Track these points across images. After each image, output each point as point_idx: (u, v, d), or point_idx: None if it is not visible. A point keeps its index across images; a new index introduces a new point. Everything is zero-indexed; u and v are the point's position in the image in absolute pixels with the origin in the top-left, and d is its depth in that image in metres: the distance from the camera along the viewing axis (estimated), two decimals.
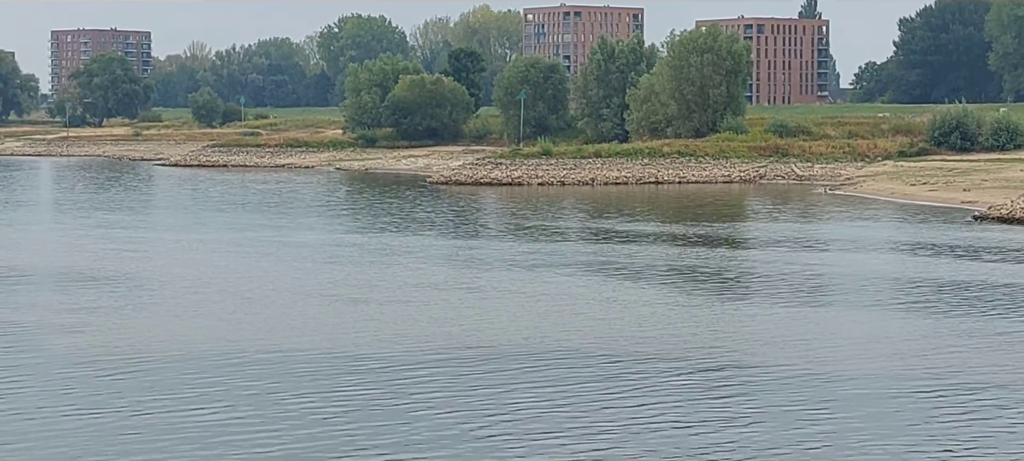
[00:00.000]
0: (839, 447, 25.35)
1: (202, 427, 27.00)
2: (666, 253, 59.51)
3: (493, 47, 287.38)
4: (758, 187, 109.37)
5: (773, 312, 41.59)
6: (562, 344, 35.86)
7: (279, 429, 26.84)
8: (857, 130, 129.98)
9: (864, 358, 34.04)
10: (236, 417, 27.87)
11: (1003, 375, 31.36)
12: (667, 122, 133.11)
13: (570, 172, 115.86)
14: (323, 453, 25.22)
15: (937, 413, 27.91)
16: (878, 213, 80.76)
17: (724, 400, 29.17)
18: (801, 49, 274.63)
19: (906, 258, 56.56)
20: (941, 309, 41.80)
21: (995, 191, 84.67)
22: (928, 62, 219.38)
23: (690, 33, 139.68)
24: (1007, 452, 24.86)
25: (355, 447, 25.60)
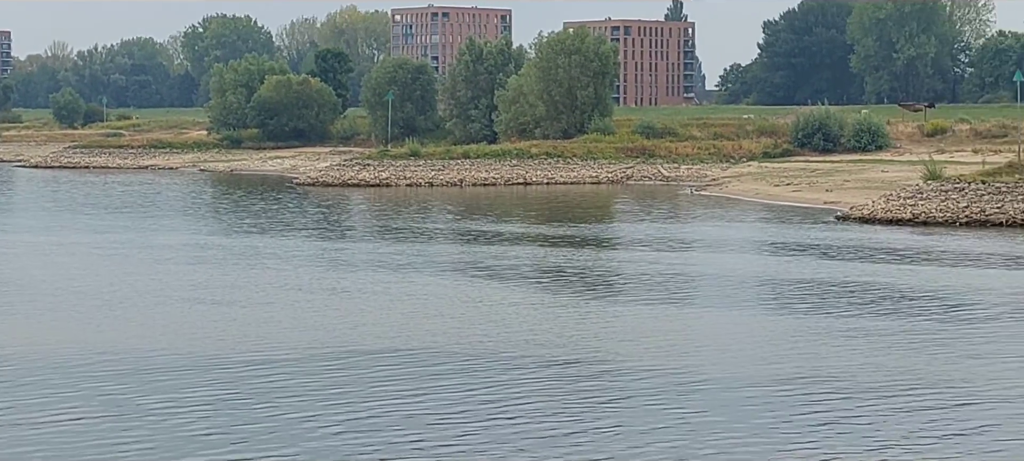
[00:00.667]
0: (701, 446, 25.31)
1: (55, 431, 26.24)
2: (533, 254, 59.45)
3: (360, 48, 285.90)
4: (625, 188, 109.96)
5: (639, 312, 41.63)
6: (426, 345, 35.51)
7: (131, 431, 26.18)
8: (722, 131, 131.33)
9: (728, 357, 34.15)
10: (88, 420, 27.15)
11: (864, 374, 31.60)
12: (535, 123, 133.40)
13: (438, 173, 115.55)
14: (173, 455, 24.61)
15: (799, 412, 28.00)
16: (743, 213, 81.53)
17: (587, 400, 29.03)
18: (667, 51, 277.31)
19: (770, 258, 57.08)
20: (804, 308, 42.14)
21: (857, 191, 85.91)
22: (792, 64, 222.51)
23: (558, 35, 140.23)
24: (866, 450, 24.98)
25: (207, 448, 25.03)
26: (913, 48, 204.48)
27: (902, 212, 71.26)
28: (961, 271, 50.98)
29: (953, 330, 37.65)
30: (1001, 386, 30.02)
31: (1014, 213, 68.53)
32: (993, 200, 70.23)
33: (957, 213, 69.56)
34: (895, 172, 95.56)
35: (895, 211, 71.69)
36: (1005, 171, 75.24)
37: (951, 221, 68.99)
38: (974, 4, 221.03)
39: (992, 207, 69.52)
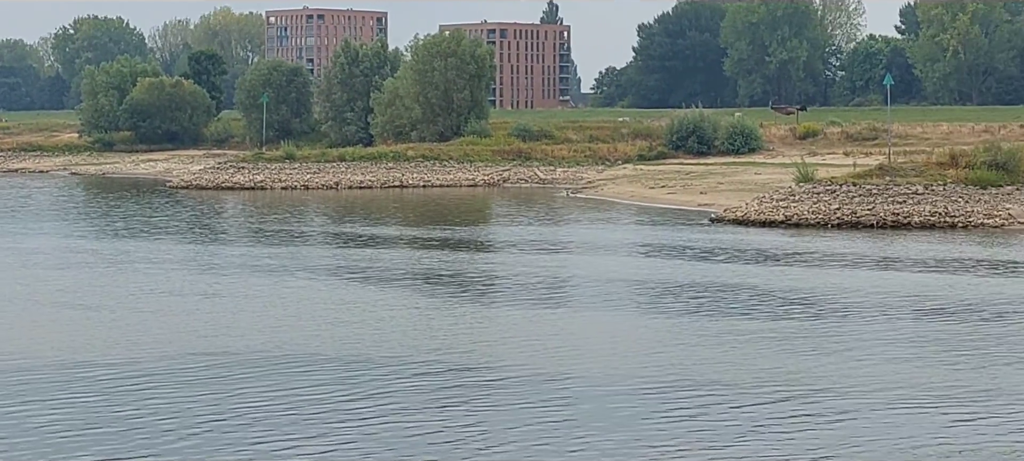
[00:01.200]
0: (571, 447, 25.20)
1: None
2: (409, 256, 59.12)
3: (235, 49, 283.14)
4: (502, 190, 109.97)
5: (515, 314, 41.50)
6: (299, 348, 35.06)
7: None
8: (598, 134, 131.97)
9: (603, 359, 34.11)
10: None
11: (736, 374, 31.74)
12: (411, 126, 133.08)
13: (314, 176, 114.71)
14: None
15: (673, 412, 28.02)
16: (619, 216, 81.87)
17: (460, 403, 28.80)
18: (543, 54, 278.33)
19: (645, 260, 57.30)
20: (679, 310, 42.31)
21: (730, 194, 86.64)
22: (666, 67, 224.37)
23: (434, 37, 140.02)
24: (735, 450, 25.07)
25: (68, 455, 24.42)
26: (785, 51, 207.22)
27: (775, 214, 71.98)
28: (832, 272, 51.56)
29: (824, 330, 37.99)
30: (868, 385, 30.31)
31: (884, 215, 69.55)
32: (864, 202, 71.21)
33: (829, 215, 70.42)
34: (768, 174, 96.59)
35: (768, 213, 72.40)
36: (875, 173, 76.37)
37: (823, 223, 69.82)
38: (845, 8, 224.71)
39: (863, 209, 70.48)
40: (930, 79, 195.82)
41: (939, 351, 34.64)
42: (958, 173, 74.15)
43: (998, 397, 29.14)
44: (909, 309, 41.85)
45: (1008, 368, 32.30)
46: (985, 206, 69.93)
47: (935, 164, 76.91)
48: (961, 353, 34.32)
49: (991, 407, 28.23)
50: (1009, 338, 36.48)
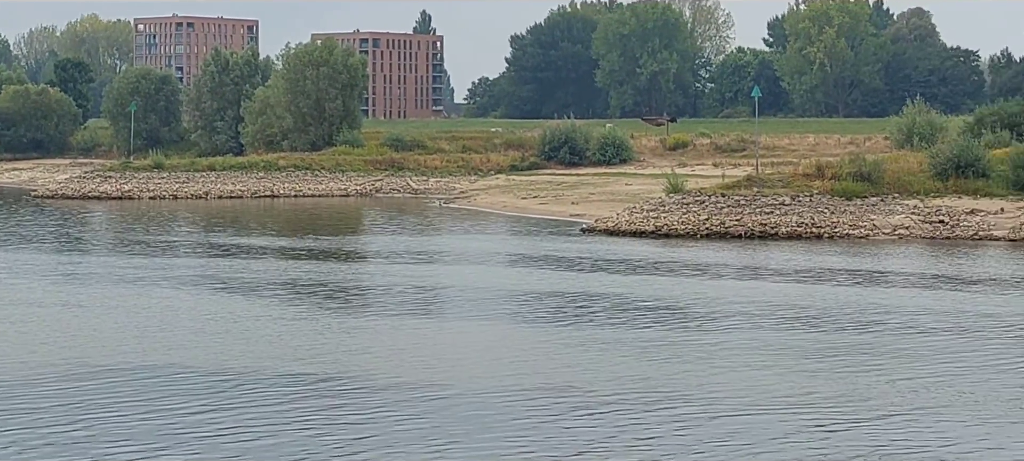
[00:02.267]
0: (437, 455, 25.06)
1: None
2: (278, 267, 58.53)
3: (102, 57, 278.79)
4: (374, 201, 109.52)
5: (387, 324, 41.24)
6: (165, 359, 34.46)
7: None
8: (471, 144, 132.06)
9: (472, 368, 34.01)
10: None
11: (601, 381, 31.81)
12: (283, 135, 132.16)
13: (183, 185, 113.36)
14: None
15: (535, 419, 27.97)
16: (491, 226, 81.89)
17: (327, 413, 28.50)
18: (416, 64, 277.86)
19: (517, 270, 57.32)
20: (550, 320, 42.34)
21: (602, 204, 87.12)
22: (538, 78, 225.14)
23: (306, 46, 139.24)
24: (595, 456, 25.15)
25: None
26: (656, 63, 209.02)
27: (645, 224, 72.49)
28: (700, 282, 51.98)
29: (689, 339, 38.28)
30: (727, 392, 30.57)
31: (752, 225, 70.35)
32: (732, 213, 71.99)
33: (698, 225, 71.08)
34: (639, 185, 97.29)
35: (639, 223, 72.89)
36: (743, 184, 77.27)
37: (692, 233, 70.45)
38: (714, 21, 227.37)
39: (731, 220, 71.25)
40: (797, 91, 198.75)
41: (799, 359, 35.07)
42: (824, 184, 75.30)
43: (851, 403, 29.56)
44: (773, 318, 42.30)
45: (865, 375, 32.76)
46: (850, 217, 71.04)
47: (802, 175, 78.04)
48: (821, 361, 34.78)
49: (844, 413, 28.61)
50: (869, 346, 37.01)
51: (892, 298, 46.83)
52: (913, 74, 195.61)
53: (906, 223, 70.00)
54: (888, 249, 63.90)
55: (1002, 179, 75.17)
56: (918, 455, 25.51)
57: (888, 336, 38.78)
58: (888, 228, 69.57)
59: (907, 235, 68.44)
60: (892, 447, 25.97)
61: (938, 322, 41.08)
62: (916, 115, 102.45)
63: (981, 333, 39.08)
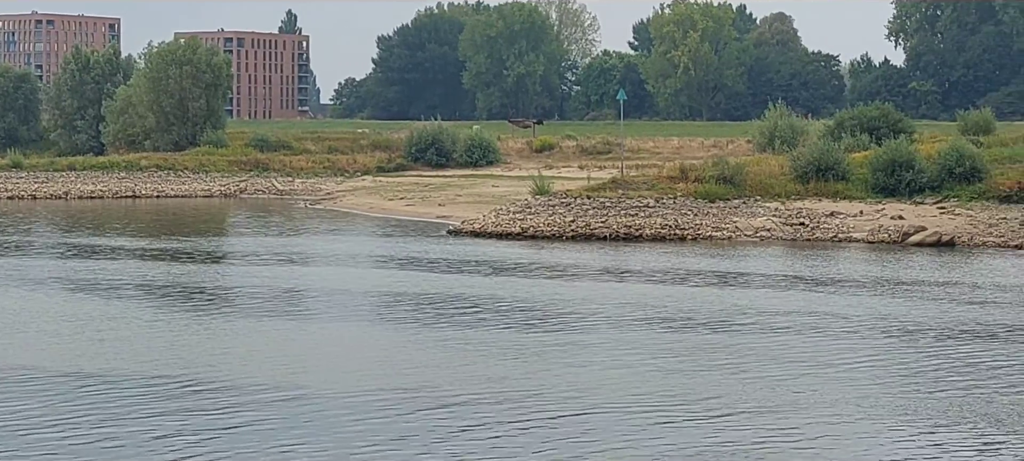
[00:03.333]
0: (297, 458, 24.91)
1: None
2: (138, 268, 57.57)
3: None
4: (239, 202, 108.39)
5: (247, 326, 40.78)
6: (15, 361, 33.70)
7: None
8: (337, 145, 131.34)
9: (335, 370, 33.76)
10: None
11: (470, 384, 31.78)
12: (145, 135, 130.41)
13: (42, 185, 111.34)
14: None
15: (397, 423, 27.84)
16: (358, 227, 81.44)
17: (183, 415, 28.07)
18: (282, 64, 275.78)
19: (384, 272, 57.06)
20: (417, 322, 42.20)
21: (468, 206, 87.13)
22: (405, 80, 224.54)
23: (169, 45, 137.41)
24: (452, 455, 25.18)
25: None
26: (523, 65, 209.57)
27: (512, 226, 72.60)
28: (565, 284, 52.17)
29: (555, 340, 38.40)
30: (590, 392, 30.75)
31: (617, 227, 70.80)
32: (598, 214, 72.39)
33: (564, 227, 71.35)
34: (506, 187, 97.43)
35: (505, 225, 72.98)
36: (609, 187, 77.78)
37: (558, 235, 70.70)
38: (580, 24, 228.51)
39: (597, 221, 71.64)
40: (662, 95, 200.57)
41: (659, 358, 35.41)
42: (688, 187, 76.07)
43: (703, 400, 29.94)
44: (636, 319, 42.59)
45: (719, 374, 33.15)
46: (713, 219, 71.81)
47: (666, 178, 78.76)
48: (679, 360, 35.16)
49: (695, 410, 28.97)
50: (726, 346, 37.45)
51: (752, 299, 47.41)
52: (775, 78, 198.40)
53: (768, 225, 70.94)
54: (750, 251, 64.69)
55: (861, 182, 76.54)
56: (764, 451, 25.91)
57: (745, 336, 39.30)
58: (750, 230, 70.44)
59: (769, 237, 69.34)
60: (738, 443, 26.39)
61: (794, 322, 41.70)
62: (778, 119, 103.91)
63: (833, 333, 39.79)
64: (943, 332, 40.06)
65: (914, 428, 27.93)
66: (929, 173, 75.21)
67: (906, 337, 39.26)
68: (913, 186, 74.93)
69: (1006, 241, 66.35)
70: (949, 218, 70.37)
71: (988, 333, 39.95)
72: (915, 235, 67.25)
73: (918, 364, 35.02)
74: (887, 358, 35.93)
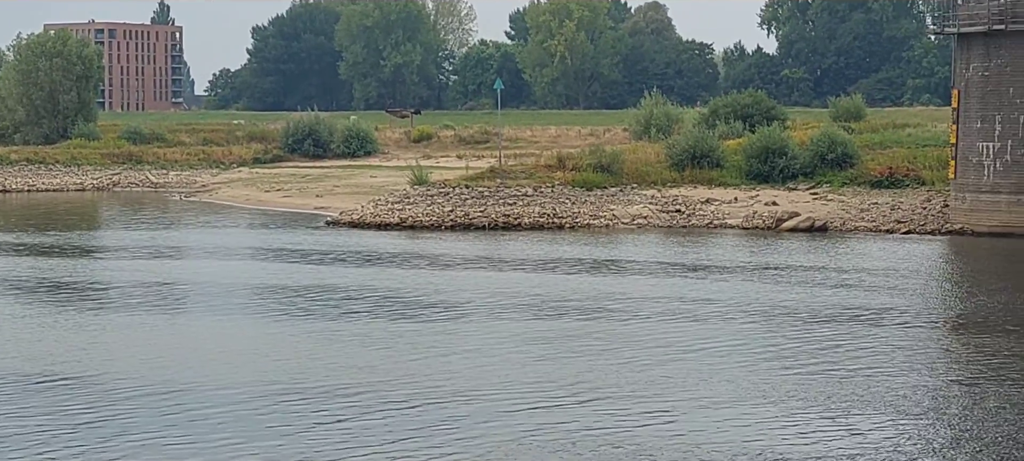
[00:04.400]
0: (197, 456, 24.64)
1: None
2: (7, 263, 56.51)
3: None
4: (112, 195, 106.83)
5: (119, 321, 40.27)
6: None
7: None
8: (212, 137, 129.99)
9: (215, 365, 33.47)
10: None
11: (350, 376, 31.71)
12: (15, 128, 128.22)
13: None
14: None
15: (284, 416, 27.73)
16: (235, 220, 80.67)
17: (60, 411, 27.70)
18: (155, 55, 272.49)
19: (261, 264, 56.62)
20: (295, 314, 41.98)
21: (346, 197, 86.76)
22: (281, 70, 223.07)
23: (38, 36, 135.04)
24: (346, 449, 25.13)
25: None
26: (400, 55, 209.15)
27: (390, 216, 72.44)
28: (445, 273, 52.21)
29: (434, 329, 38.45)
30: (466, 379, 30.90)
31: (496, 216, 70.96)
32: (476, 204, 72.50)
33: (443, 217, 71.35)
34: (384, 177, 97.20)
35: (384, 216, 72.80)
36: (487, 176, 77.95)
37: (437, 225, 70.69)
38: (457, 14, 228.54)
39: (475, 211, 71.73)
40: (539, 84, 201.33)
41: (534, 346, 35.66)
42: (565, 175, 76.52)
43: (580, 387, 30.25)
44: (514, 307, 42.77)
45: (599, 361, 33.45)
46: (591, 207, 72.27)
47: (544, 167, 79.14)
48: (555, 347, 35.43)
49: (572, 396, 29.25)
50: (603, 332, 37.78)
51: (627, 286, 47.84)
52: (650, 66, 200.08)
53: (644, 212, 71.54)
54: (626, 238, 65.21)
55: (735, 169, 77.52)
56: (633, 434, 26.26)
57: (619, 322, 39.71)
58: (627, 218, 70.99)
59: (645, 224, 69.93)
60: (607, 426, 26.81)
61: (668, 308, 42.20)
62: (653, 107, 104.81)
63: (705, 318, 40.39)
64: (812, 316, 40.76)
65: (779, 409, 28.51)
66: (802, 159, 76.39)
67: (777, 321, 39.88)
68: (786, 172, 76.05)
69: (877, 226, 67.57)
70: (822, 204, 71.53)
71: (855, 317, 40.71)
72: (788, 221, 68.25)
73: (787, 347, 35.64)
74: (757, 342, 36.52)
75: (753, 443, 25.81)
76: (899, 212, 69.36)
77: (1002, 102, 65.59)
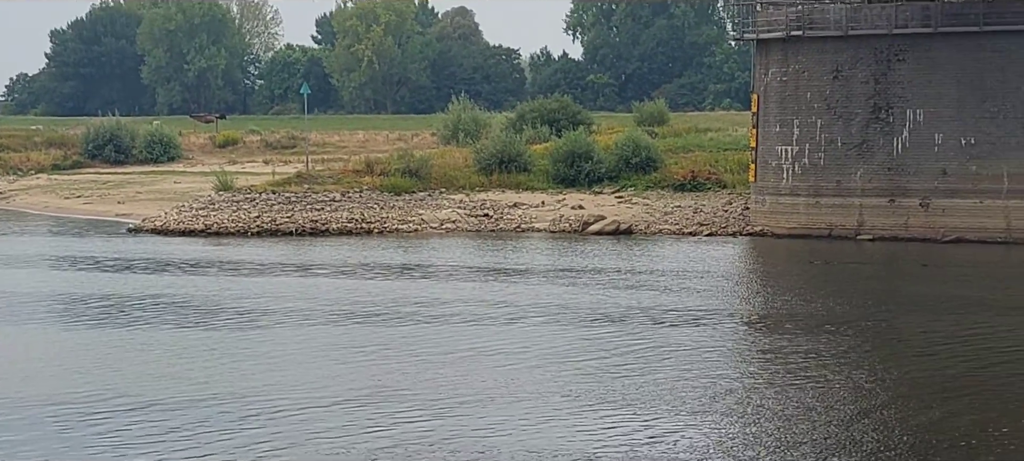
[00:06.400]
0: None
1: None
2: None
3: None
4: None
5: None
6: None
7: None
8: (9, 143, 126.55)
9: (16, 375, 32.65)
10: None
11: (157, 386, 31.25)
12: None
13: None
14: None
15: (90, 428, 27.22)
16: (33, 227, 78.74)
17: None
18: None
19: (60, 272, 55.38)
20: (97, 322, 41.18)
21: (150, 203, 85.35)
22: (81, 74, 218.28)
23: None
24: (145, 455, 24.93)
25: None
26: (204, 60, 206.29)
27: (195, 223, 71.45)
28: (252, 280, 51.70)
29: (237, 337, 38.12)
30: (272, 388, 30.71)
31: (303, 222, 70.47)
32: (283, 210, 71.92)
33: (249, 223, 70.60)
34: (188, 183, 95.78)
35: (188, 222, 71.78)
36: (294, 181, 77.40)
37: (243, 231, 69.91)
38: (262, 17, 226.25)
39: (282, 217, 71.16)
40: (347, 88, 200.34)
41: (341, 352, 35.62)
42: (374, 180, 76.38)
43: (387, 392, 30.37)
44: (320, 313, 42.57)
45: (405, 365, 33.54)
46: (399, 212, 72.24)
47: (352, 172, 78.88)
48: (363, 353, 35.43)
49: (379, 403, 29.39)
50: (410, 337, 37.84)
51: (435, 290, 47.96)
52: (458, 71, 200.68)
53: (453, 217, 71.76)
54: (435, 243, 65.33)
55: (542, 173, 78.24)
56: (438, 437, 26.43)
57: (426, 326, 39.89)
58: (436, 222, 71.11)
59: (454, 229, 70.14)
60: (412, 431, 27.01)
61: (474, 312, 42.51)
62: (461, 112, 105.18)
63: (506, 321, 40.75)
64: (615, 317, 41.36)
65: (577, 407, 28.93)
66: (607, 164, 77.42)
67: (580, 323, 40.40)
68: (592, 176, 77.01)
69: (680, 228, 68.80)
70: (626, 207, 72.59)
71: (657, 317, 41.42)
72: (594, 224, 69.10)
73: (589, 348, 36.19)
74: (560, 343, 36.99)
75: (549, 441, 26.15)
76: (701, 215, 70.73)
77: (800, 107, 67.35)
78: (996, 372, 33.37)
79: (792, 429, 27.18)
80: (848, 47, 66.45)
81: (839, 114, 66.60)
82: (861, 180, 66.14)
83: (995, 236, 63.55)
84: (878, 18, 66.09)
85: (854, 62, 66.32)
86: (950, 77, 64.89)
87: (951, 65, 64.85)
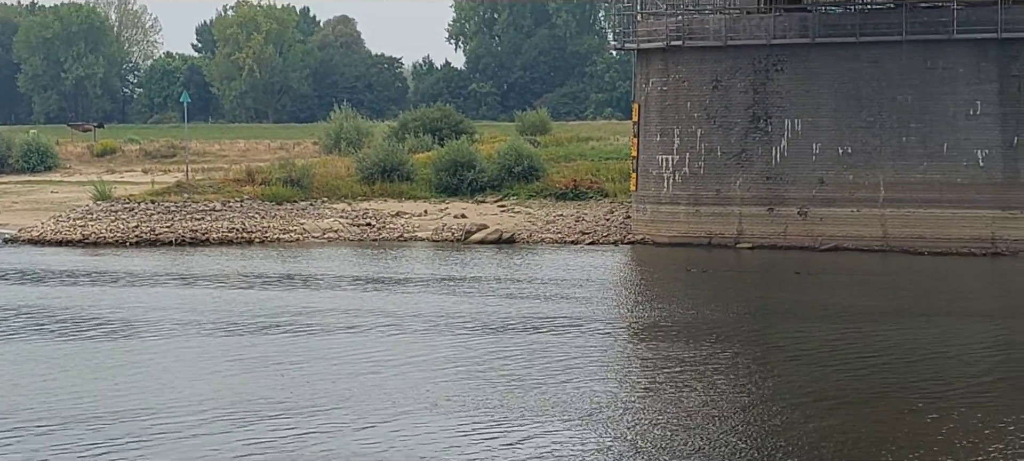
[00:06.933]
0: None
1: None
2: None
3: None
4: None
5: None
6: None
7: None
8: None
9: None
10: None
11: (31, 400, 30.80)
12: None
13: None
14: None
15: None
16: None
17: None
18: None
19: None
20: None
21: (26, 213, 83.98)
22: None
23: None
24: None
25: None
26: (82, 68, 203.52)
27: (72, 233, 70.44)
28: (129, 290, 51.10)
29: (115, 349, 37.68)
30: (153, 398, 30.41)
31: (183, 232, 69.77)
32: (163, 219, 71.16)
33: (128, 233, 69.75)
34: (66, 193, 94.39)
35: (65, 232, 70.74)
36: (174, 191, 76.63)
37: (122, 241, 69.03)
38: (141, 25, 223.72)
39: (162, 226, 70.39)
40: (227, 97, 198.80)
41: (221, 363, 35.31)
42: (255, 190, 75.85)
43: (267, 403, 30.16)
44: (199, 324, 42.19)
45: (286, 376, 33.34)
46: (281, 221, 71.80)
47: (233, 181, 78.26)
48: (242, 364, 35.19)
49: (258, 413, 29.17)
50: (291, 348, 37.63)
51: (316, 300, 47.77)
52: (340, 80, 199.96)
53: (335, 226, 71.47)
54: (317, 252, 65.02)
55: (425, 182, 78.26)
56: (303, 446, 26.46)
57: (308, 337, 39.72)
58: (318, 232, 70.78)
59: (336, 238, 69.86)
60: (292, 443, 26.86)
61: (356, 321, 42.39)
62: (343, 121, 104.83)
63: (388, 330, 40.72)
64: (496, 326, 41.48)
65: (456, 418, 28.99)
66: (490, 172, 77.64)
67: (462, 332, 40.44)
68: (475, 185, 77.16)
69: (562, 237, 69.13)
70: (509, 216, 72.80)
71: (537, 326, 41.60)
72: (477, 233, 69.22)
73: (470, 357, 36.23)
74: (441, 352, 36.99)
75: (423, 450, 26.18)
76: (583, 223, 71.15)
77: (680, 116, 68.02)
78: (867, 378, 33.96)
79: (670, 437, 27.43)
80: (727, 57, 67.26)
81: (719, 123, 67.36)
82: (740, 189, 66.95)
83: (872, 244, 64.62)
84: (757, 28, 66.98)
85: (733, 72, 67.14)
86: (827, 87, 65.92)
87: (828, 75, 65.89)
